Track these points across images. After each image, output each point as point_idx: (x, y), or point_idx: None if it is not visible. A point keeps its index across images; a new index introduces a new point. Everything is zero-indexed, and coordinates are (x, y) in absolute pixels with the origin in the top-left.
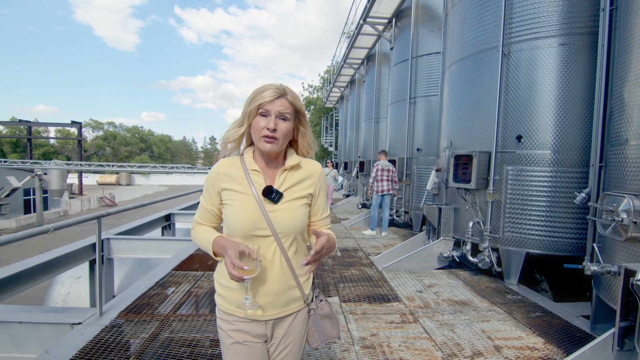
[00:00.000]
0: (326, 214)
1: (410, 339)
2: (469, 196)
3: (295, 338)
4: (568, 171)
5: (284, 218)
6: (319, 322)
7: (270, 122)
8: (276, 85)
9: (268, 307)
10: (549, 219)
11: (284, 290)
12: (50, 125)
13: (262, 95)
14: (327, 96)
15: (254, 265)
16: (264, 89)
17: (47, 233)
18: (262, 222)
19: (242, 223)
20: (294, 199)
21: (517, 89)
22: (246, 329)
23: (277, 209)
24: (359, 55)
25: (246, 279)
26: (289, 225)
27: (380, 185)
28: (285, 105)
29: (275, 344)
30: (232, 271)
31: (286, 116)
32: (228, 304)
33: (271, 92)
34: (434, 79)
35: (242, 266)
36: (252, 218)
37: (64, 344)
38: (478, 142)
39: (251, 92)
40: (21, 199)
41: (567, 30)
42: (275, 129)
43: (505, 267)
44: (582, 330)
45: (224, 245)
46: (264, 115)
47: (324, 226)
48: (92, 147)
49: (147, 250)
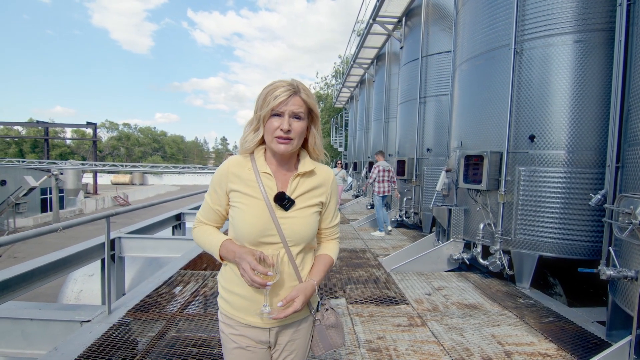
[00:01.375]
0: (335, 222)
1: (417, 343)
2: (479, 197)
3: (300, 344)
4: (583, 172)
5: (295, 226)
6: (324, 332)
7: (284, 123)
8: (288, 82)
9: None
10: (563, 221)
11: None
12: (66, 126)
13: (274, 95)
14: (336, 96)
15: (274, 271)
16: (276, 87)
17: (56, 232)
18: (271, 229)
19: (251, 229)
20: (306, 207)
21: (530, 88)
22: (249, 334)
23: (288, 216)
24: (368, 55)
25: (268, 285)
26: (300, 234)
27: (382, 186)
28: (298, 104)
29: (279, 350)
30: (254, 278)
31: (300, 115)
32: (232, 308)
33: (283, 90)
34: (444, 78)
35: (266, 272)
36: (262, 224)
37: (72, 341)
38: (489, 142)
39: (262, 90)
40: (38, 198)
41: (583, 26)
42: (289, 130)
43: (517, 270)
44: (597, 337)
45: (235, 251)
46: (277, 115)
47: (332, 234)
48: (107, 147)
49: (157, 249)
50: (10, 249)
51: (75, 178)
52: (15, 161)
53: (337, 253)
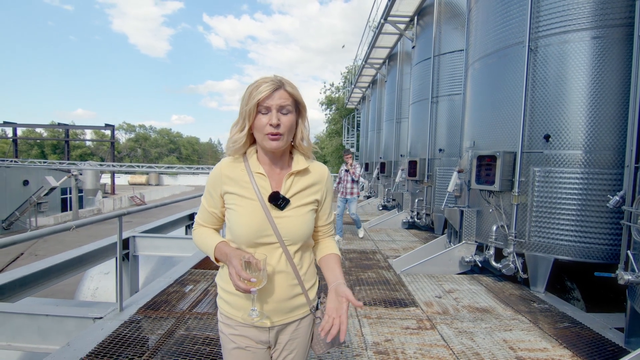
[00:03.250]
0: (330, 219)
1: (426, 346)
2: (492, 198)
3: (300, 343)
4: (601, 172)
5: (291, 225)
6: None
7: (272, 118)
8: (271, 78)
9: (272, 314)
10: (579, 223)
11: (288, 298)
12: (85, 128)
13: (258, 91)
14: (348, 97)
15: (260, 276)
16: (259, 83)
17: (69, 230)
18: (267, 229)
19: (247, 230)
20: (301, 205)
21: (545, 86)
22: (249, 334)
23: (283, 216)
24: (380, 55)
25: (253, 291)
26: (296, 233)
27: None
28: (284, 97)
29: (279, 349)
30: (238, 282)
31: (288, 108)
32: (231, 308)
33: (267, 85)
34: (457, 77)
35: (249, 278)
36: (258, 225)
37: (84, 337)
38: (502, 142)
39: (246, 88)
40: (59, 198)
41: (601, 22)
42: (278, 124)
43: (532, 274)
44: (614, 344)
45: (227, 254)
46: (264, 112)
47: (328, 232)
48: (124, 148)
49: (169, 248)
50: (31, 247)
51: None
52: (37, 162)
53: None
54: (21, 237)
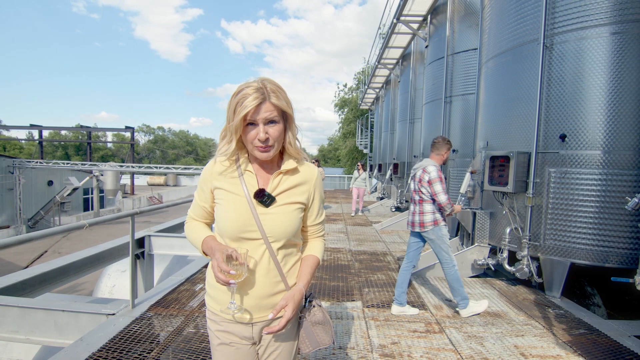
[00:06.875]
0: (320, 219)
1: (433, 350)
2: (505, 200)
3: (285, 341)
4: (620, 173)
5: (275, 222)
6: (309, 328)
7: (260, 133)
8: (255, 87)
9: (254, 310)
10: (597, 226)
11: (270, 294)
12: (106, 130)
13: (243, 106)
14: (361, 98)
15: (240, 270)
16: (244, 95)
17: (83, 228)
18: (252, 225)
19: (231, 224)
20: (287, 204)
21: (561, 84)
22: (233, 330)
23: (268, 213)
24: (393, 55)
25: (232, 283)
26: (280, 230)
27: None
28: (270, 110)
29: (264, 346)
30: (218, 274)
31: (274, 119)
32: (215, 303)
33: (252, 98)
34: (471, 76)
35: (229, 270)
36: (242, 220)
37: (97, 333)
38: (516, 142)
39: (231, 98)
40: (81, 198)
41: (620, 17)
42: (266, 138)
43: (547, 278)
44: (633, 352)
45: (212, 247)
46: (251, 124)
47: (316, 232)
48: (143, 150)
49: (183, 247)
50: (55, 245)
51: (114, 179)
52: (61, 163)
53: (322, 252)
54: (36, 234)
